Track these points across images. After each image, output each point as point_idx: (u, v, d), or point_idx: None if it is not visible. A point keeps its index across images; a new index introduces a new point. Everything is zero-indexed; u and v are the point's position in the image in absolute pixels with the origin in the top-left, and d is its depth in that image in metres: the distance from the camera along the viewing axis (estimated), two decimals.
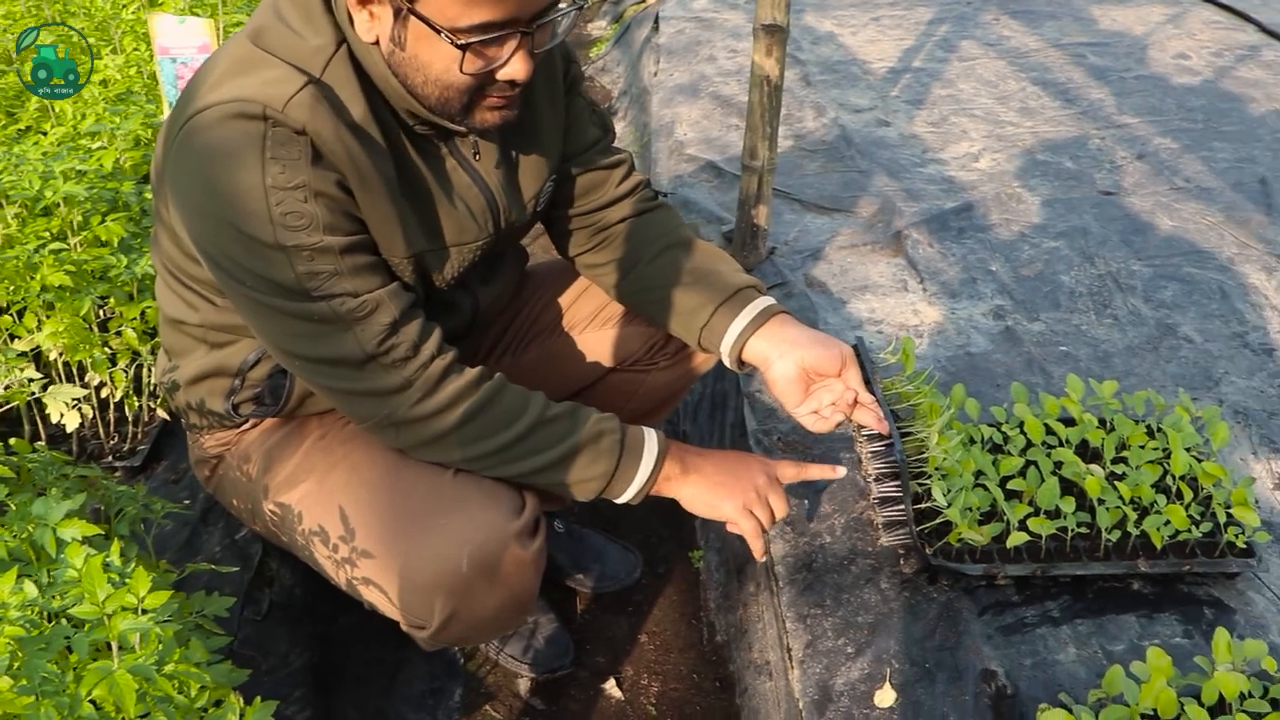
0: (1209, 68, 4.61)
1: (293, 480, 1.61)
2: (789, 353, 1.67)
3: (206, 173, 1.35)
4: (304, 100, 1.34)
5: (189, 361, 1.67)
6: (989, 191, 3.42)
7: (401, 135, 1.48)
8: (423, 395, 1.45)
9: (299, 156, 1.34)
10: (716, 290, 1.73)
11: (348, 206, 1.40)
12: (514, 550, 1.48)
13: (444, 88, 1.39)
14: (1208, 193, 3.44)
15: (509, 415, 1.49)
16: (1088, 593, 1.87)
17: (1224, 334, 2.68)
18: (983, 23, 5.25)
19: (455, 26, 1.31)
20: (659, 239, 1.80)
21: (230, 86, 1.34)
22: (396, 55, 1.38)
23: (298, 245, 1.35)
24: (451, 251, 1.57)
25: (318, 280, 1.37)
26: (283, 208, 1.33)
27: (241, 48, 1.40)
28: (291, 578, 2.09)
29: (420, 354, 1.45)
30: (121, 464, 2.30)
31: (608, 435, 1.54)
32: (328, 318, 1.39)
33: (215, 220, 1.37)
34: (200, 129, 1.34)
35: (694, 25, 5.23)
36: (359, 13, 1.37)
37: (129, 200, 2.38)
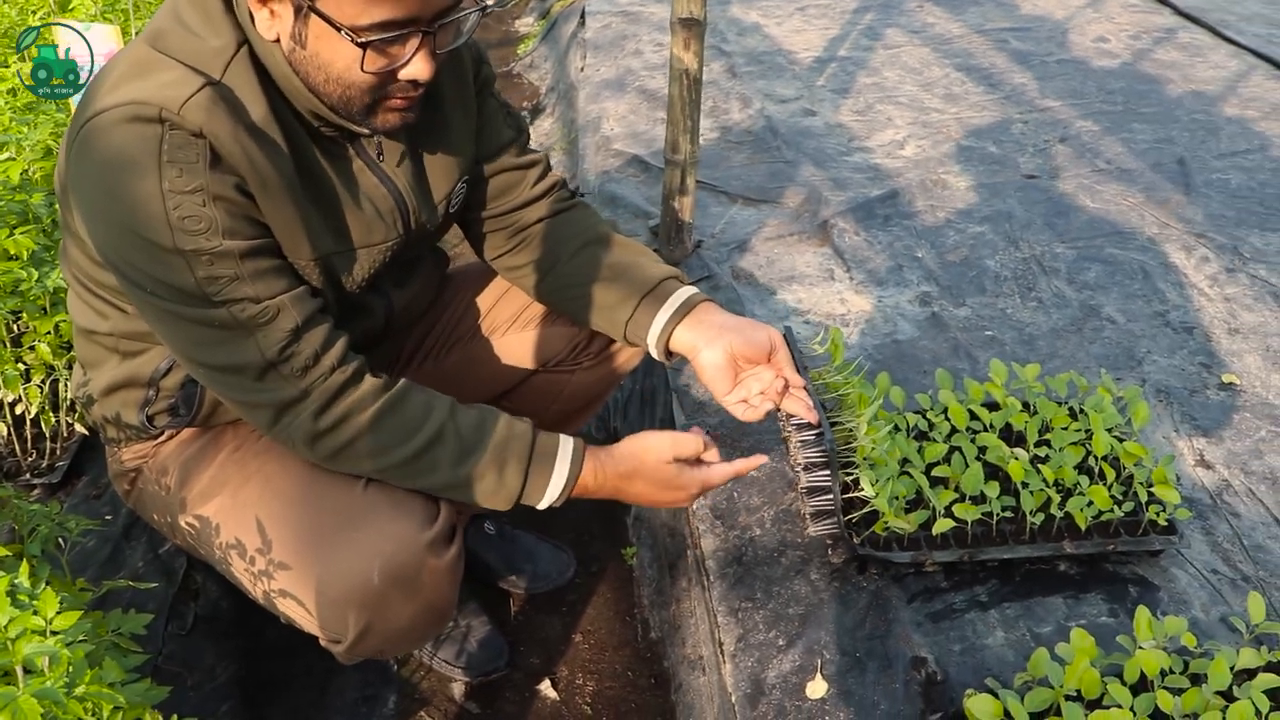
0: (1128, 50, 4.68)
1: (208, 494, 1.59)
2: (716, 340, 1.65)
3: (105, 178, 1.32)
4: (201, 102, 1.31)
5: (102, 373, 1.64)
6: (914, 178, 3.44)
7: (305, 136, 1.45)
8: (320, 407, 1.43)
9: (196, 160, 1.31)
10: (638, 283, 1.72)
11: (248, 210, 1.37)
12: (427, 560, 1.46)
13: (345, 86, 1.36)
14: (1128, 174, 3.49)
15: (409, 428, 1.46)
16: (1015, 576, 1.88)
17: (1146, 313, 2.71)
18: (907, 10, 5.29)
19: (356, 25, 1.29)
20: (577, 237, 1.79)
21: (127, 89, 1.31)
22: (297, 53, 1.35)
23: (196, 250, 1.32)
24: (359, 253, 1.54)
25: (218, 285, 1.35)
26: (180, 212, 1.30)
27: (139, 50, 1.37)
28: (217, 590, 2.06)
29: (320, 364, 1.42)
30: (40, 481, 2.26)
31: (516, 444, 1.50)
32: (228, 324, 1.37)
33: (116, 226, 1.34)
34: (97, 133, 1.31)
35: (620, 19, 5.21)
36: (259, 10, 1.34)
37: (39, 212, 2.33)
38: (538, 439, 1.51)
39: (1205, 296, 2.79)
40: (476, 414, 1.51)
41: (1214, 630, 1.78)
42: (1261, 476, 2.16)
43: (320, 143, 1.47)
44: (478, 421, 1.49)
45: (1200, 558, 1.95)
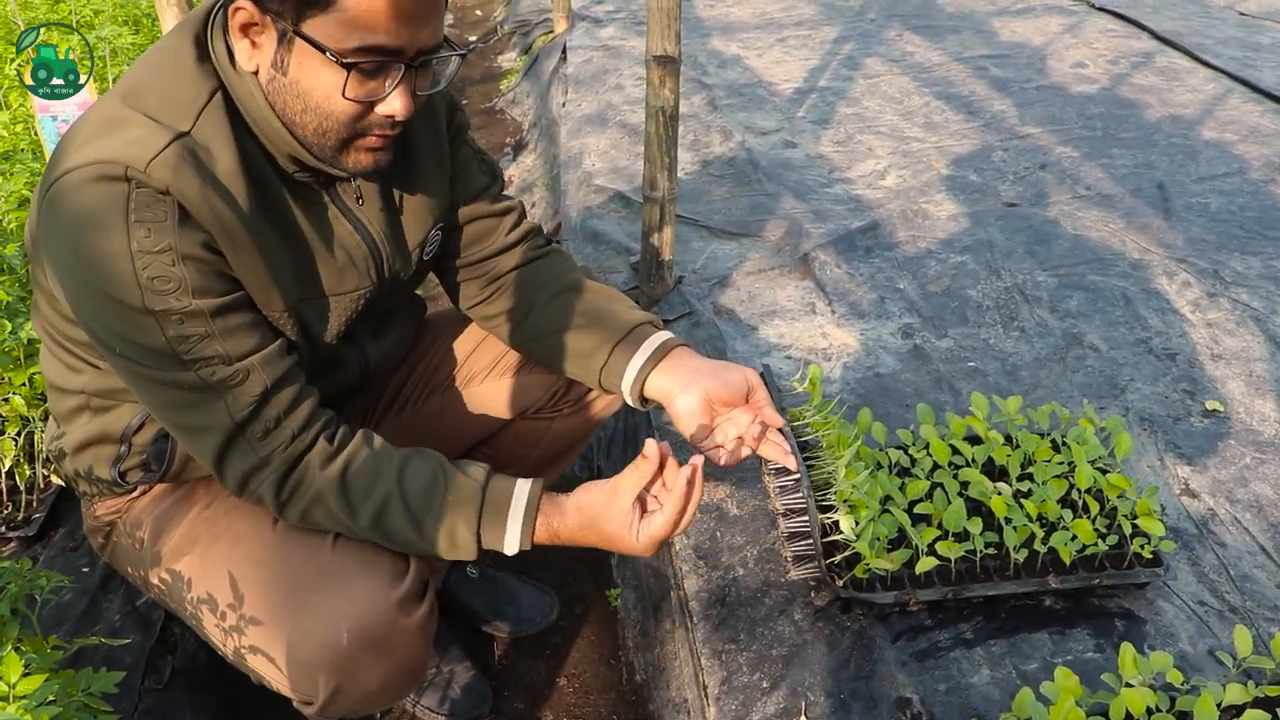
0: (1106, 75, 4.70)
1: (179, 551, 1.57)
2: (692, 385, 1.62)
3: (74, 237, 1.30)
4: (168, 159, 1.30)
5: (74, 428, 1.62)
6: (895, 209, 3.44)
7: (278, 184, 1.44)
8: (280, 476, 1.41)
9: (164, 218, 1.29)
10: (612, 329, 1.70)
11: (218, 266, 1.36)
12: (397, 620, 1.44)
13: (323, 117, 1.35)
14: (1108, 200, 3.49)
15: (357, 498, 1.43)
16: (1000, 612, 1.87)
17: (1128, 340, 2.71)
18: (886, 39, 5.31)
19: (340, 48, 1.28)
20: (550, 284, 1.77)
21: (94, 147, 1.30)
22: (277, 81, 1.34)
23: (166, 310, 1.31)
24: (331, 301, 1.52)
25: (189, 344, 1.33)
26: (149, 271, 1.29)
27: (109, 106, 1.36)
28: (195, 643, 2.03)
29: (282, 429, 1.40)
30: (15, 534, 2.23)
31: (465, 508, 1.44)
32: (198, 386, 1.35)
33: (85, 285, 1.33)
34: (65, 192, 1.30)
35: (601, 54, 5.23)
36: (240, 42, 1.33)
37: (13, 263, 2.32)
38: (487, 496, 1.45)
39: (1187, 322, 2.79)
40: (427, 475, 1.45)
41: (1202, 664, 1.77)
42: (1247, 505, 2.15)
43: (293, 190, 1.46)
44: (427, 484, 1.45)
45: (1187, 589, 1.93)
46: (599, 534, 1.45)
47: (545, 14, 6.24)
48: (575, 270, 1.81)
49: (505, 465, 1.97)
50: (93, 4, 4.22)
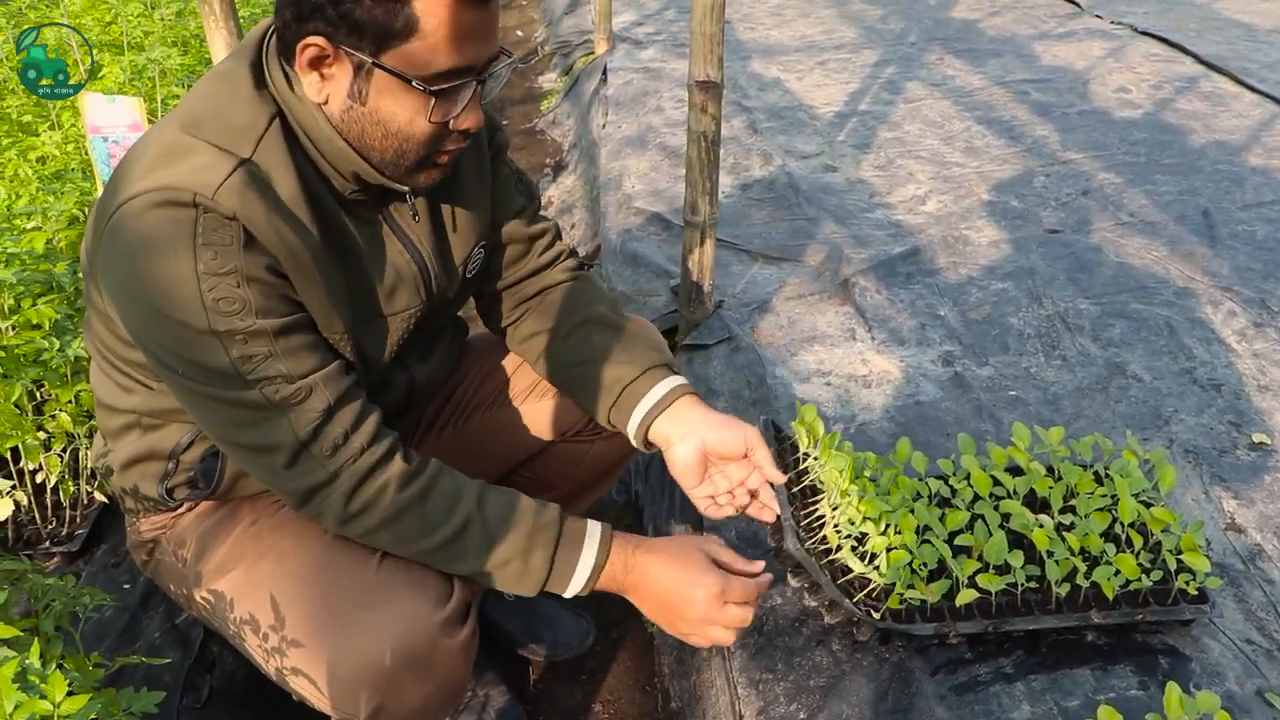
0: (1149, 100, 4.66)
1: (223, 568, 1.58)
2: (690, 434, 1.66)
3: (138, 261, 1.33)
4: (234, 186, 1.32)
5: (122, 445, 1.64)
6: (936, 234, 3.43)
7: (335, 206, 1.47)
8: (350, 490, 1.42)
9: (230, 242, 1.32)
10: (626, 369, 1.72)
11: (282, 289, 1.39)
12: (441, 640, 1.45)
13: (404, 140, 1.39)
14: (1152, 227, 3.46)
15: (436, 518, 1.45)
16: (1041, 647, 1.85)
17: (1172, 371, 2.68)
18: (927, 63, 5.30)
19: (423, 75, 1.33)
20: (573, 314, 1.79)
21: (160, 174, 1.32)
22: (354, 112, 1.38)
23: (230, 330, 1.33)
24: (389, 321, 1.56)
25: (252, 364, 1.36)
26: (215, 293, 1.32)
27: (170, 133, 1.38)
28: (234, 662, 2.05)
29: (350, 444, 1.42)
30: (59, 549, 2.26)
31: (539, 548, 1.47)
32: (261, 404, 1.37)
33: (148, 308, 1.35)
34: (130, 217, 1.32)
35: (642, 76, 5.25)
36: (307, 75, 1.37)
37: (62, 281, 2.35)
38: (565, 525, 1.50)
39: (1233, 352, 2.75)
40: (505, 501, 1.49)
41: (1250, 704, 1.74)
42: None
43: (350, 210, 1.49)
44: (505, 510, 1.48)
45: (1233, 627, 1.90)
46: (674, 588, 1.50)
47: (586, 35, 6.27)
48: (600, 301, 1.82)
49: (544, 488, 1.98)
50: (143, 26, 4.29)
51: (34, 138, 3.22)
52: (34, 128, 3.39)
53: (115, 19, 4.39)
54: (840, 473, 1.86)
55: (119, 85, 3.51)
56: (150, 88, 3.48)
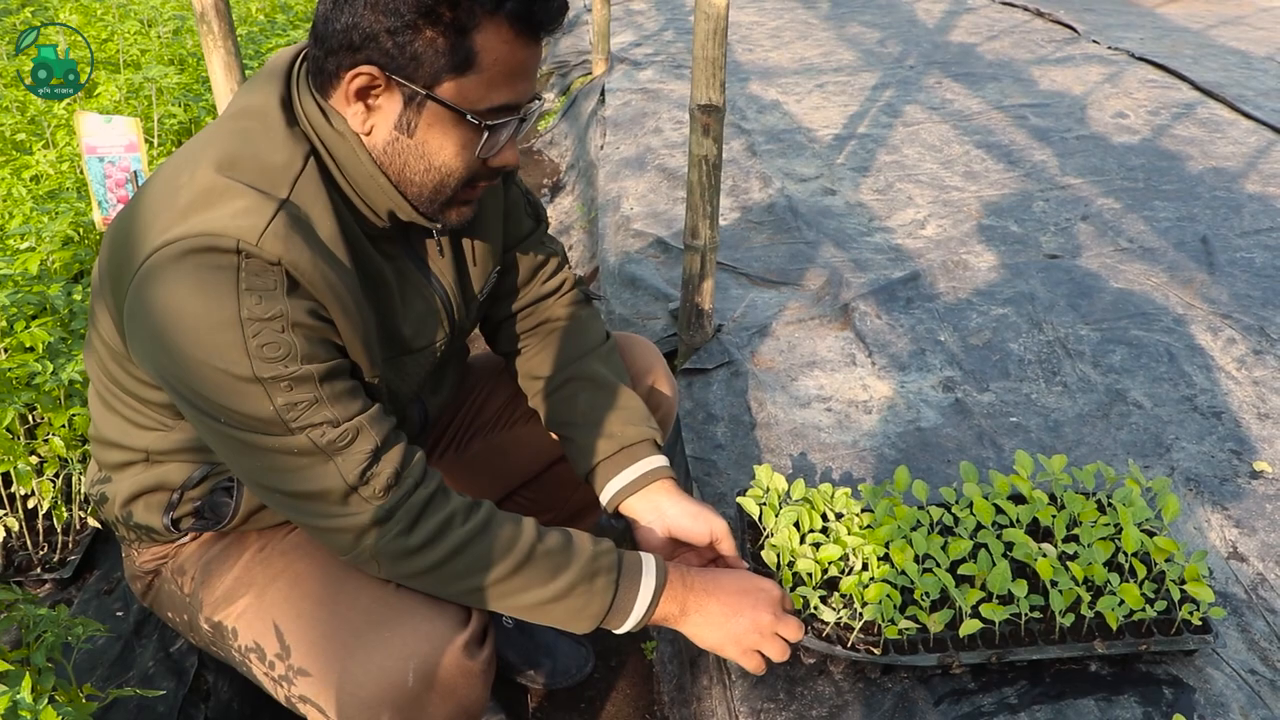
0: (1147, 126, 4.67)
1: (231, 595, 1.56)
2: (658, 521, 1.70)
3: (176, 308, 1.28)
4: (278, 231, 1.29)
5: (124, 477, 1.60)
6: (936, 259, 3.42)
7: (367, 243, 1.45)
8: (405, 527, 1.39)
9: (275, 287, 1.29)
10: (605, 442, 1.72)
11: (325, 333, 1.36)
12: (461, 661, 1.43)
13: (445, 174, 1.39)
14: (1151, 253, 3.46)
15: (501, 548, 1.43)
16: (1045, 677, 1.83)
17: (1173, 398, 2.67)
18: (925, 86, 5.31)
19: (477, 109, 1.33)
20: (564, 367, 1.79)
21: (198, 219, 1.28)
22: (399, 144, 1.36)
23: (276, 376, 1.30)
24: (417, 357, 1.56)
25: (297, 410, 1.32)
26: (260, 339, 1.28)
27: (204, 174, 1.33)
28: (229, 691, 2.02)
29: (402, 483, 1.39)
30: (51, 576, 2.23)
31: (603, 572, 1.48)
32: (308, 450, 1.34)
33: (186, 356, 1.30)
34: (166, 263, 1.28)
35: (640, 97, 5.25)
36: (352, 105, 1.35)
37: (56, 304, 2.33)
38: (624, 555, 1.51)
39: (1233, 380, 2.75)
40: (560, 534, 1.49)
41: None
42: None
43: (378, 247, 1.48)
44: (563, 542, 1.48)
45: (1237, 657, 1.89)
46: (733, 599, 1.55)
47: (584, 55, 6.28)
48: (594, 354, 1.80)
49: (543, 509, 1.97)
50: (140, 44, 4.28)
51: (28, 156, 3.21)
52: (27, 146, 3.38)
53: (112, 36, 4.38)
54: (789, 536, 1.88)
55: (114, 104, 3.50)
56: (146, 106, 3.47)
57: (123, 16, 4.50)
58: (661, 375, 1.93)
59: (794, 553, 1.87)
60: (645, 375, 1.91)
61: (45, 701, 1.28)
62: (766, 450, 2.51)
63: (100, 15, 4.65)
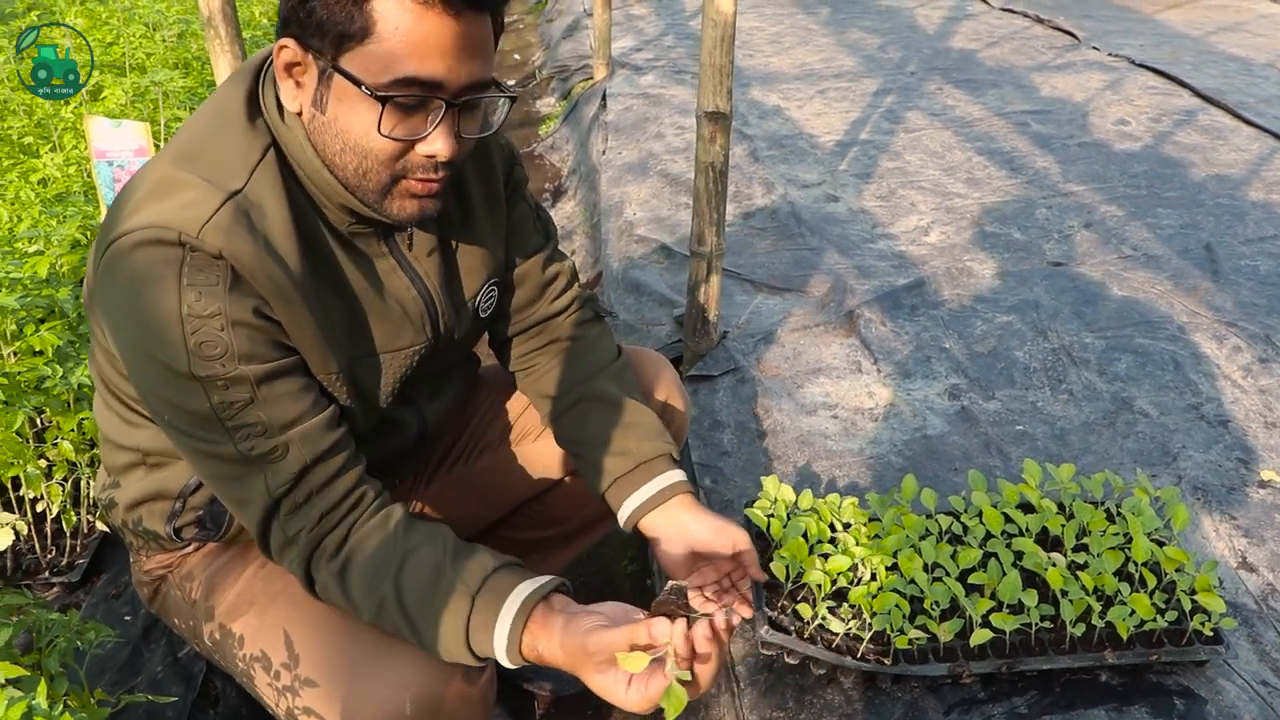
0: (1149, 133, 4.68)
1: (234, 611, 1.55)
2: (679, 536, 1.63)
3: (128, 301, 1.31)
4: (220, 223, 1.29)
5: (128, 482, 1.61)
6: (940, 266, 3.42)
7: (331, 239, 1.42)
8: (305, 555, 1.40)
9: (216, 283, 1.29)
10: (620, 460, 1.68)
11: (270, 333, 1.35)
12: (459, 687, 1.41)
13: (361, 155, 1.32)
14: (1155, 260, 3.46)
15: (358, 594, 1.39)
16: (1055, 686, 1.83)
17: (1179, 406, 2.68)
18: (927, 93, 5.32)
19: (376, 82, 1.26)
20: (574, 386, 1.75)
21: (148, 212, 1.29)
22: (317, 120, 1.33)
23: (211, 375, 1.30)
24: (385, 359, 1.51)
25: (232, 410, 1.32)
26: (198, 337, 1.28)
27: (161, 168, 1.35)
28: (237, 698, 2.02)
29: (311, 508, 1.38)
30: (59, 579, 2.23)
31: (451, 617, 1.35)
32: (238, 460, 1.35)
33: (137, 349, 1.33)
34: (119, 256, 1.30)
35: (642, 102, 5.25)
36: (285, 82, 1.32)
37: (65, 307, 2.33)
38: (476, 604, 1.34)
39: (1239, 388, 2.75)
40: (426, 573, 1.38)
41: None
42: None
43: (347, 246, 1.45)
44: (425, 583, 1.37)
45: (1248, 668, 1.89)
46: (585, 678, 1.32)
47: (584, 60, 6.28)
48: (603, 372, 1.77)
49: (555, 521, 1.96)
50: (145, 47, 4.27)
51: (35, 159, 3.20)
52: (35, 149, 3.37)
53: (117, 40, 4.38)
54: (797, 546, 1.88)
55: (121, 107, 3.49)
56: (153, 110, 3.47)
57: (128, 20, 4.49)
58: (674, 390, 1.91)
59: (804, 563, 1.87)
60: (657, 390, 1.88)
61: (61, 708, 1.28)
62: (773, 458, 2.51)
63: (105, 19, 4.65)
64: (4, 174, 3.10)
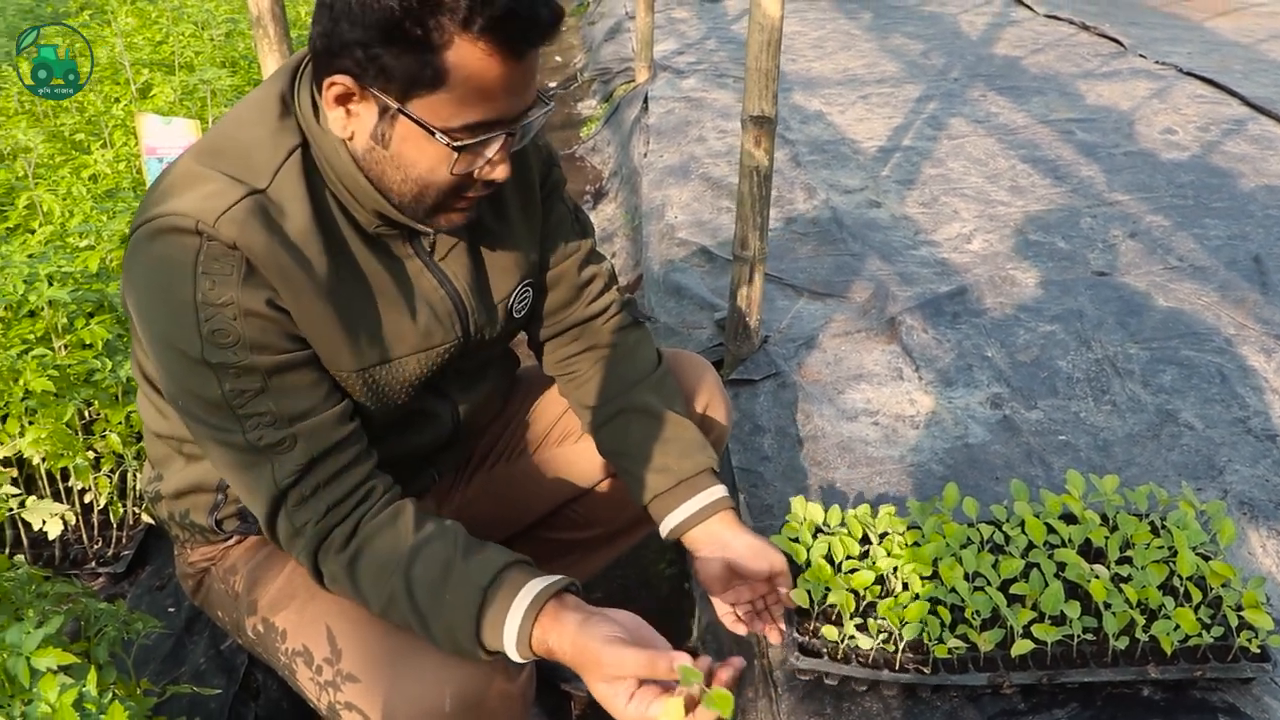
0: (1196, 142, 4.63)
1: (276, 604, 1.56)
2: (718, 553, 1.65)
3: (147, 285, 1.34)
4: (237, 215, 1.31)
5: (170, 474, 1.64)
6: (982, 274, 3.40)
7: (356, 240, 1.44)
8: (312, 547, 1.42)
9: (230, 272, 1.31)
10: (661, 476, 1.69)
11: (283, 325, 1.37)
12: (499, 685, 1.42)
13: (424, 186, 1.36)
14: (1202, 272, 3.43)
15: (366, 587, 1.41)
16: (1097, 699, 1.82)
17: (1225, 419, 2.65)
18: (970, 99, 5.29)
19: (448, 126, 1.29)
20: (613, 398, 1.75)
21: (172, 201, 1.32)
22: (375, 153, 1.35)
23: (223, 363, 1.33)
24: (409, 360, 1.51)
25: (243, 399, 1.35)
26: (211, 324, 1.31)
27: (188, 162, 1.38)
28: (278, 691, 2.04)
29: (317, 502, 1.41)
30: (105, 570, 2.26)
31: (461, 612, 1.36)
32: (246, 449, 1.37)
33: (155, 334, 1.36)
34: (142, 242, 1.33)
35: (683, 105, 5.26)
36: (334, 110, 1.34)
37: (114, 301, 2.36)
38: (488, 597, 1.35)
39: None
40: (437, 567, 1.39)
41: None
42: None
43: (373, 246, 1.46)
44: (435, 577, 1.38)
45: None
46: (585, 676, 1.32)
47: (626, 63, 6.29)
48: (644, 382, 1.76)
49: (597, 523, 1.97)
50: (194, 46, 4.32)
51: (86, 156, 3.25)
52: (86, 145, 3.42)
53: (166, 38, 4.43)
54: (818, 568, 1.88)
55: (169, 105, 3.53)
56: (200, 107, 3.51)
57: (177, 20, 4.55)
58: (716, 395, 1.91)
59: (828, 583, 1.86)
60: (699, 395, 1.88)
61: (110, 696, 1.30)
62: (813, 464, 2.50)
63: (155, 18, 4.71)
64: (56, 170, 3.14)
